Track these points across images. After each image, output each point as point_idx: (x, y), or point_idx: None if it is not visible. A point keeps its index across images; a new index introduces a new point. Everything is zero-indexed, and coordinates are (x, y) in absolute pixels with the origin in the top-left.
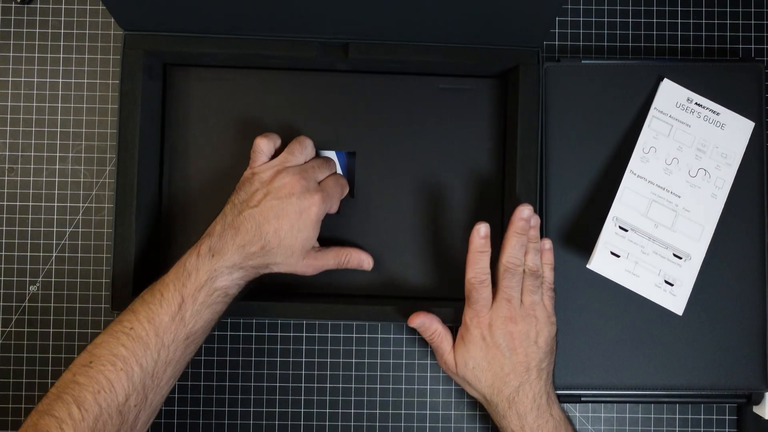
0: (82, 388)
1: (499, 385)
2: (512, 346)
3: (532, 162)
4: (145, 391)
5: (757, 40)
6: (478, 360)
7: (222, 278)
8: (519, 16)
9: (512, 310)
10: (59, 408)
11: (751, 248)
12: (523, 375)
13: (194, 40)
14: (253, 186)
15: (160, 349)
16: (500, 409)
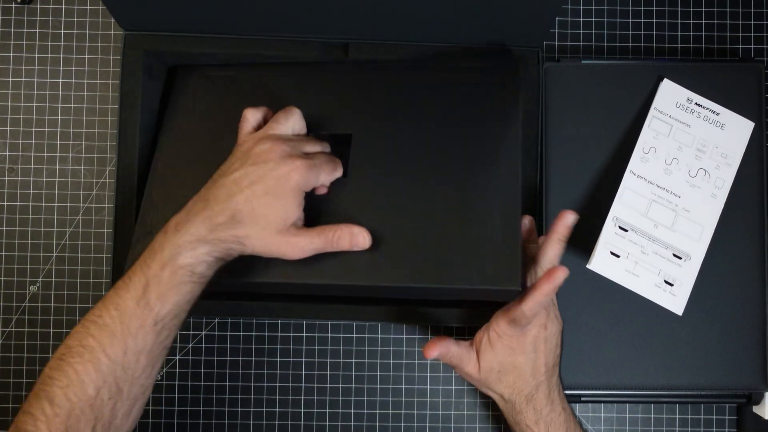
0: (53, 383)
1: (520, 386)
2: (538, 348)
3: (532, 162)
4: (117, 383)
5: (757, 40)
6: (505, 364)
7: (186, 254)
8: (519, 16)
9: (547, 317)
10: (35, 405)
11: (751, 248)
12: (542, 375)
13: (194, 40)
14: (234, 156)
15: (127, 338)
16: (517, 406)
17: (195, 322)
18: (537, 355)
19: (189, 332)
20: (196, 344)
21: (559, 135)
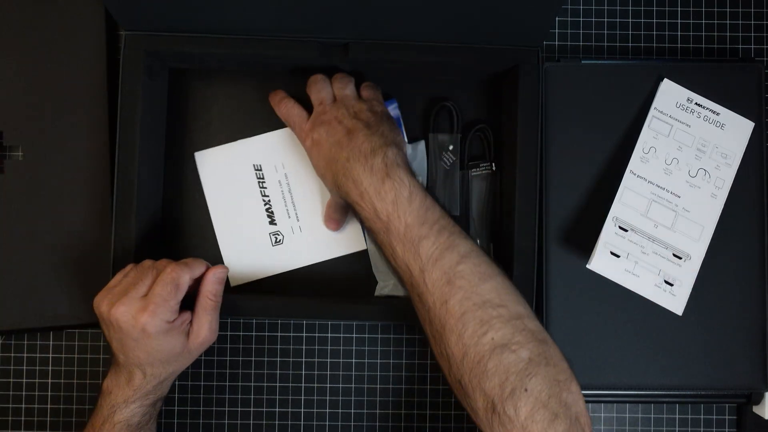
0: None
1: (333, 166)
2: (331, 131)
3: (532, 162)
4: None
5: (757, 40)
6: (319, 165)
7: (120, 412)
8: (519, 16)
9: (325, 106)
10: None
11: (751, 248)
12: (348, 144)
13: (194, 40)
14: (102, 326)
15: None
16: (342, 186)
17: None
18: (335, 135)
19: None
20: None
21: (559, 135)
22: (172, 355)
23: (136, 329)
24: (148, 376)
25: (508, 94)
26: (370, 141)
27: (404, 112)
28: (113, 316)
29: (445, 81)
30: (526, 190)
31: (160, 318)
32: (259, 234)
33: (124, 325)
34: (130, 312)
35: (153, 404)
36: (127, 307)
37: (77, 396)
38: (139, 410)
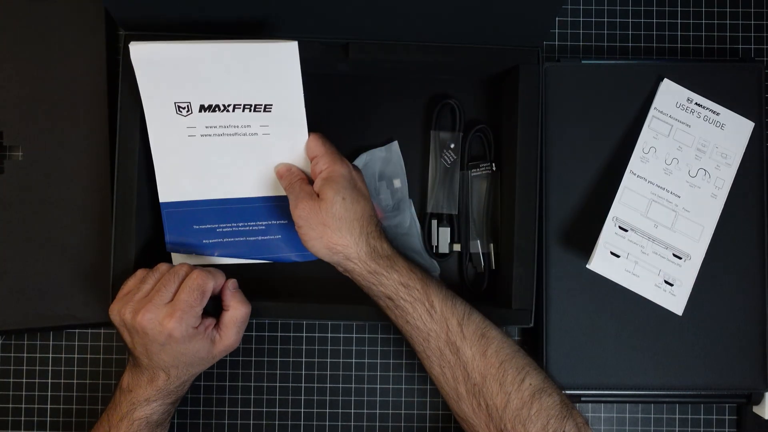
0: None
1: (366, 222)
2: (363, 185)
3: (532, 162)
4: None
5: (757, 40)
6: (351, 210)
7: (140, 409)
8: (519, 15)
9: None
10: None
11: (751, 248)
12: (371, 207)
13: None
14: (122, 333)
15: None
16: (373, 240)
17: None
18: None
19: None
20: None
21: (559, 135)
22: (197, 358)
23: (163, 335)
24: (172, 378)
25: (508, 94)
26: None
27: (404, 111)
28: (139, 323)
29: (446, 81)
30: (526, 190)
31: (186, 324)
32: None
33: (150, 331)
34: (156, 318)
35: (173, 403)
36: (153, 314)
37: (77, 396)
38: (160, 408)
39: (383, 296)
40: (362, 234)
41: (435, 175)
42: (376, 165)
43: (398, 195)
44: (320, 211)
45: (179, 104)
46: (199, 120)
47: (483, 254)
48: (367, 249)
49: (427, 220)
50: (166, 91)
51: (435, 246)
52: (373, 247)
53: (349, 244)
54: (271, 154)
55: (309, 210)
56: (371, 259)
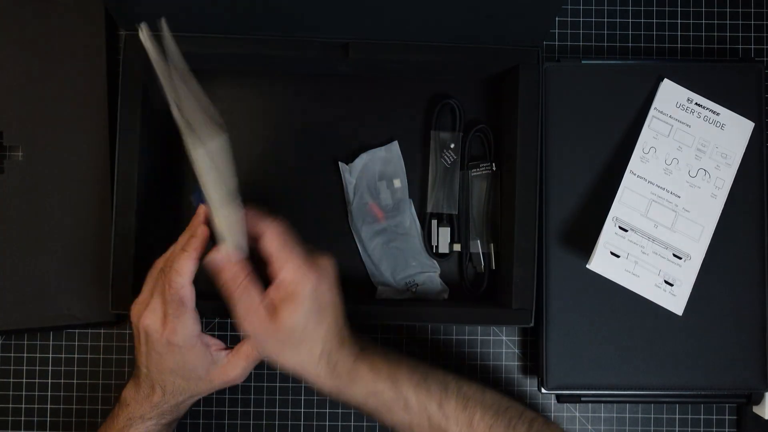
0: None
1: (337, 321)
2: (334, 286)
3: (532, 162)
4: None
5: (757, 40)
6: (318, 309)
7: (135, 426)
8: (519, 16)
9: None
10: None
11: (751, 248)
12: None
13: (195, 40)
14: (135, 335)
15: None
16: (342, 342)
17: None
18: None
19: None
20: None
21: (559, 135)
22: (194, 375)
23: (162, 342)
24: (167, 394)
25: (508, 94)
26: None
27: (404, 111)
28: (143, 327)
29: (446, 81)
30: (526, 190)
31: (182, 333)
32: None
33: (151, 335)
34: (155, 324)
35: (168, 424)
36: (151, 320)
37: (77, 396)
38: (155, 428)
39: (356, 404)
40: (323, 354)
41: (435, 175)
42: (376, 165)
43: (398, 195)
44: (277, 334)
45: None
46: None
47: (483, 254)
48: (327, 369)
49: (427, 220)
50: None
51: (435, 246)
52: (333, 366)
53: (306, 368)
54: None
55: (263, 329)
56: (330, 379)
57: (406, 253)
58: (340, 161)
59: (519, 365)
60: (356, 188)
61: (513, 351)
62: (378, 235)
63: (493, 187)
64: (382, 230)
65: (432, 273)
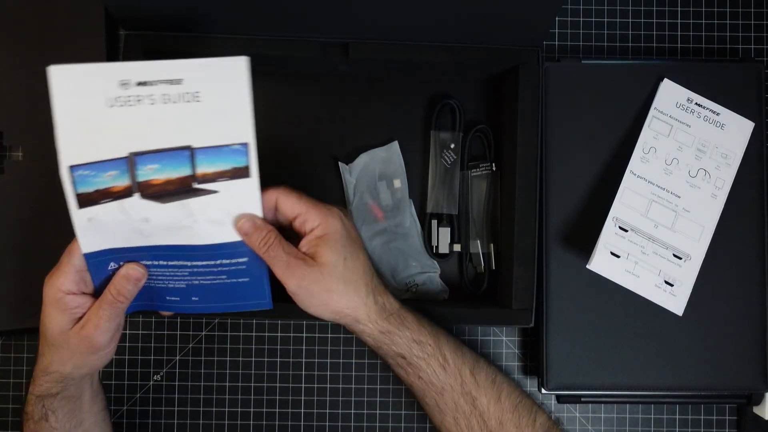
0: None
1: (372, 275)
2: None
3: (532, 162)
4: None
5: (757, 40)
6: (357, 263)
7: (28, 393)
8: (519, 16)
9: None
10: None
11: (751, 248)
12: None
13: (194, 40)
14: None
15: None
16: (380, 296)
17: (195, 322)
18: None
19: (189, 332)
20: (196, 344)
21: (559, 135)
22: (51, 333)
23: (43, 292)
24: (39, 355)
25: (508, 94)
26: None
27: (404, 111)
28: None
29: (446, 81)
30: (526, 190)
31: (55, 282)
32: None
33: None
34: (46, 284)
35: (40, 397)
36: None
37: None
38: (30, 398)
39: (395, 355)
40: (369, 293)
41: (435, 175)
42: (376, 165)
43: (398, 195)
44: (322, 278)
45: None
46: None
47: (483, 254)
48: (377, 308)
49: (427, 220)
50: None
51: (435, 246)
52: (381, 305)
53: (358, 307)
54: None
55: (308, 279)
56: (383, 319)
57: (406, 254)
58: (340, 161)
59: (519, 365)
60: (356, 188)
61: (513, 351)
62: (378, 236)
63: (493, 187)
64: (382, 230)
65: (432, 273)
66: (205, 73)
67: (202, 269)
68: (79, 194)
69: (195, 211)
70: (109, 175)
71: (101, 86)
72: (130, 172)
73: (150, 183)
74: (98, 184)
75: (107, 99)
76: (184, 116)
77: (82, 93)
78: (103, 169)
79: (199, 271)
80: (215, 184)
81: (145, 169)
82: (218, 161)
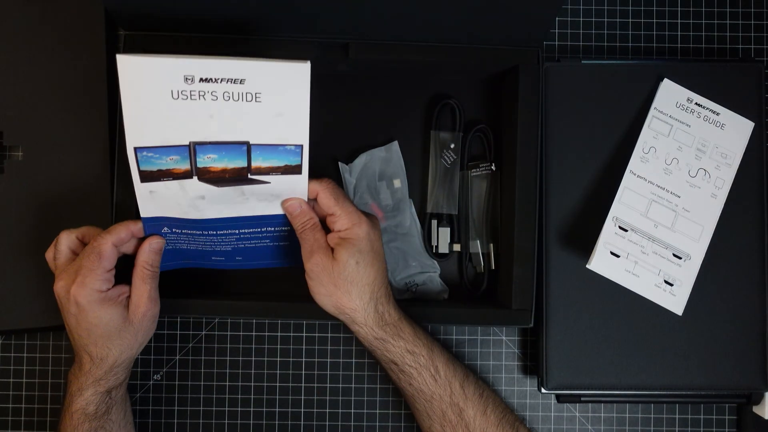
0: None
1: (382, 280)
2: (381, 243)
3: (532, 162)
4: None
5: (757, 40)
6: (370, 269)
7: (76, 401)
8: (519, 16)
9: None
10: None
11: (751, 248)
12: (385, 268)
13: (194, 41)
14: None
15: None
16: (382, 304)
17: (195, 322)
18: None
19: (189, 332)
20: (196, 344)
21: (559, 135)
22: (112, 328)
23: (71, 303)
24: (95, 359)
25: (508, 94)
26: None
27: (404, 111)
28: (56, 293)
29: (446, 81)
30: (526, 190)
31: (90, 287)
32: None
33: (63, 300)
34: (66, 286)
35: (107, 392)
36: (63, 282)
37: None
38: (93, 398)
39: (388, 360)
40: (371, 300)
41: (435, 175)
42: (376, 165)
43: (398, 195)
44: (332, 271)
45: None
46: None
47: (483, 254)
48: (375, 316)
49: (427, 220)
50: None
51: (435, 246)
52: (381, 314)
53: (357, 309)
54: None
55: (322, 267)
56: (378, 327)
57: (406, 253)
58: (340, 161)
59: (519, 365)
60: (356, 188)
61: (513, 351)
62: None
63: (493, 187)
64: (382, 230)
65: (432, 273)
66: (268, 75)
67: (248, 235)
68: (141, 171)
69: (246, 193)
70: (171, 159)
71: (166, 79)
72: (190, 158)
73: (208, 169)
74: (160, 165)
75: (171, 91)
76: (244, 114)
77: (146, 83)
78: (165, 153)
79: (245, 236)
80: (268, 176)
81: (204, 158)
82: (273, 158)
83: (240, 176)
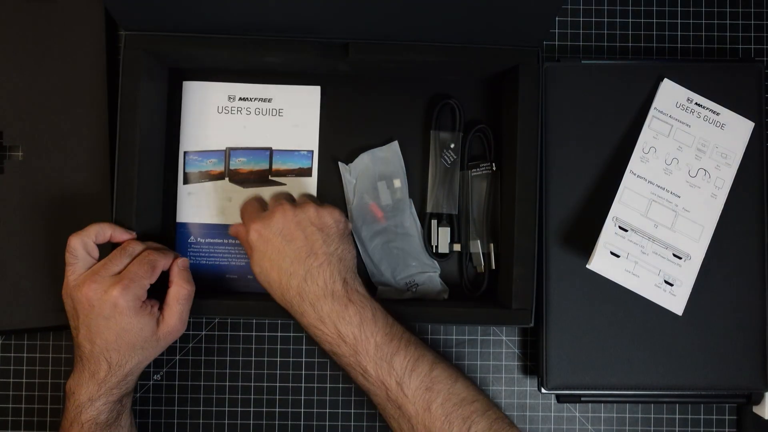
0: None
1: (286, 280)
2: (289, 235)
3: (532, 162)
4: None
5: (757, 40)
6: (264, 268)
7: (86, 411)
8: (519, 16)
9: (285, 204)
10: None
11: (751, 248)
12: (306, 259)
13: (194, 41)
14: (67, 309)
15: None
16: (296, 306)
17: (195, 322)
18: (292, 242)
19: (189, 332)
20: (196, 344)
21: (559, 135)
22: (140, 338)
23: (108, 304)
24: (114, 366)
25: (508, 94)
26: (329, 263)
27: (404, 111)
28: (84, 294)
29: (446, 81)
30: (526, 190)
31: (133, 293)
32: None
33: (96, 302)
34: (101, 288)
35: (119, 400)
36: (98, 285)
37: None
38: (105, 407)
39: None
40: (290, 300)
41: (435, 175)
42: (376, 165)
43: (398, 195)
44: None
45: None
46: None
47: (483, 254)
48: (299, 316)
49: (427, 220)
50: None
51: (435, 246)
52: (301, 313)
53: (281, 275)
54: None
55: (257, 221)
56: (309, 327)
57: (406, 253)
58: (340, 161)
59: (519, 365)
60: (356, 188)
61: (513, 351)
62: (378, 235)
63: (493, 187)
64: (382, 230)
65: (432, 273)
66: (289, 95)
67: None
68: (186, 173)
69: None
70: (211, 162)
71: (215, 98)
72: (225, 161)
73: (238, 171)
74: (201, 167)
75: (218, 107)
76: (269, 125)
77: (202, 101)
78: (207, 157)
79: None
80: (284, 178)
81: (236, 161)
82: (289, 161)
83: (262, 177)
